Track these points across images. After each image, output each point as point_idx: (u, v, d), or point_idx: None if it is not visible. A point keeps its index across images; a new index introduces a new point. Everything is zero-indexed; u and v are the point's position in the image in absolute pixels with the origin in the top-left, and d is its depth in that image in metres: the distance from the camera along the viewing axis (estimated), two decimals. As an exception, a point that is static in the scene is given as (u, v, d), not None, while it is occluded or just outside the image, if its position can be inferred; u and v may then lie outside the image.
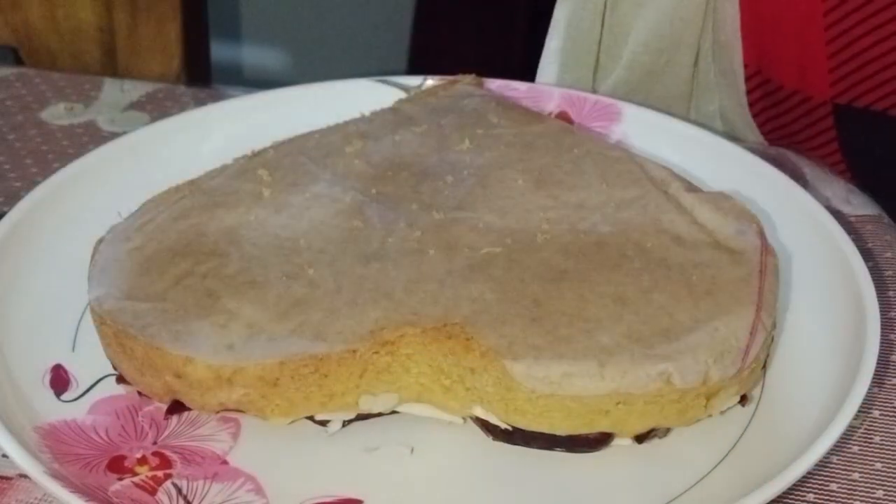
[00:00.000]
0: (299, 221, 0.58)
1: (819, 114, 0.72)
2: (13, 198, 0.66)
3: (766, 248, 0.56)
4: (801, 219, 0.63)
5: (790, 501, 0.52)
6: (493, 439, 0.53)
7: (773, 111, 0.75)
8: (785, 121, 0.75)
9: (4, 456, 0.51)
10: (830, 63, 0.69)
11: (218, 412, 0.53)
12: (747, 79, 0.75)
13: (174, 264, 0.55)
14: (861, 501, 0.52)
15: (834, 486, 0.53)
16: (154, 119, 0.77)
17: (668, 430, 0.53)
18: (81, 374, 0.56)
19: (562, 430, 0.51)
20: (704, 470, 0.52)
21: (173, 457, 0.52)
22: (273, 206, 0.59)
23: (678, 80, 0.79)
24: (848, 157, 0.72)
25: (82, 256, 0.57)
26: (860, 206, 0.70)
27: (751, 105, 0.76)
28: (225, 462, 0.52)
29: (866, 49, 0.68)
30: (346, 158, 0.62)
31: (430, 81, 0.72)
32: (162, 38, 0.92)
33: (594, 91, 0.80)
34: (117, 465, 0.51)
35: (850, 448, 0.54)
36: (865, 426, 0.56)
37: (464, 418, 0.54)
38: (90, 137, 0.76)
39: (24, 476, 0.52)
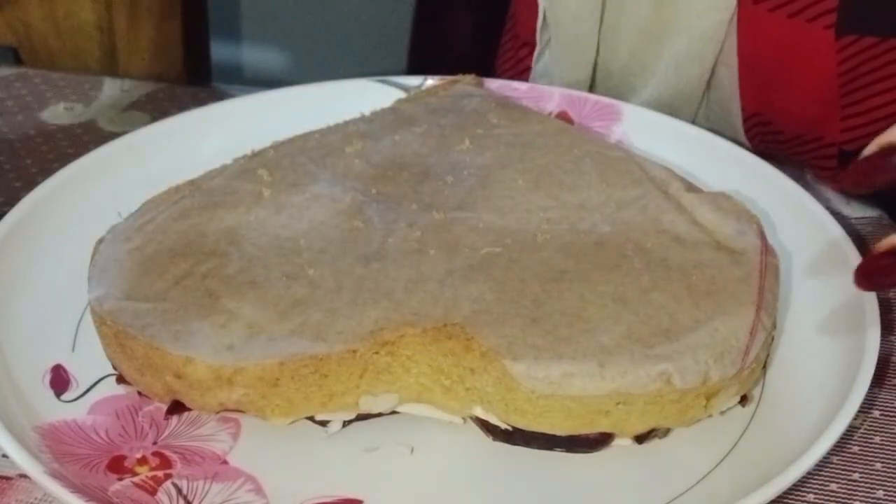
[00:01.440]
0: (299, 221, 0.58)
1: (825, 153, 0.72)
2: (13, 198, 0.66)
3: (766, 248, 0.56)
4: (801, 219, 0.63)
5: (790, 501, 0.52)
6: (493, 439, 0.53)
7: (773, 147, 0.75)
8: (787, 152, 0.75)
9: (4, 456, 0.51)
10: (843, 113, 0.70)
11: (218, 412, 0.53)
12: (745, 120, 0.75)
13: (174, 264, 0.55)
14: (861, 501, 0.52)
15: (834, 486, 0.53)
16: (154, 119, 0.77)
17: (668, 431, 0.53)
18: (81, 374, 0.56)
19: (562, 430, 0.51)
20: (704, 470, 0.52)
21: (173, 457, 0.52)
22: (273, 206, 0.59)
23: None
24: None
25: (82, 256, 0.57)
26: (860, 207, 0.70)
27: (749, 140, 0.76)
28: (225, 462, 0.52)
29: (879, 107, 0.69)
30: (346, 158, 0.62)
31: (430, 81, 0.72)
32: (162, 39, 0.92)
33: None
34: (117, 465, 0.51)
35: (850, 448, 0.54)
36: (865, 426, 0.56)
37: (464, 418, 0.54)
38: (90, 137, 0.76)
39: (24, 476, 0.52)
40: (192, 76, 0.94)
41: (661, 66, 0.75)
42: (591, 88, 0.79)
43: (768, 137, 0.75)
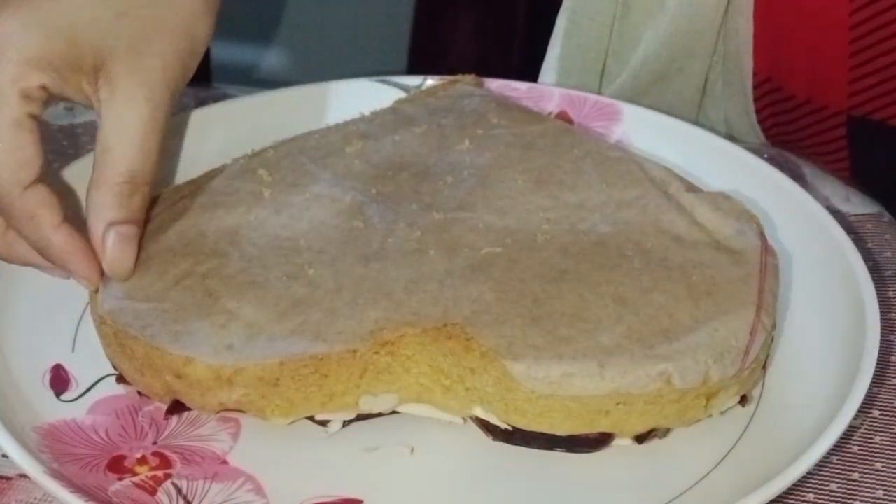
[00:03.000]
0: (299, 221, 0.58)
1: (831, 123, 0.72)
2: (13, 198, 0.66)
3: (766, 248, 0.56)
4: (801, 219, 0.63)
5: (790, 501, 0.52)
6: (493, 439, 0.53)
7: (781, 118, 0.75)
8: (793, 127, 0.75)
9: (4, 456, 0.51)
10: (851, 75, 0.69)
11: (218, 412, 0.53)
12: (756, 87, 0.74)
13: (174, 264, 0.55)
14: (861, 501, 0.52)
15: (834, 486, 0.53)
16: (154, 119, 0.76)
17: (668, 431, 0.53)
18: (81, 374, 0.56)
19: (562, 430, 0.51)
20: (704, 470, 0.52)
21: (173, 457, 0.52)
22: (273, 206, 0.59)
23: (688, 87, 0.78)
24: (855, 165, 0.72)
25: (82, 256, 0.57)
26: (860, 204, 0.70)
27: (758, 112, 0.76)
28: (225, 462, 0.52)
29: (890, 65, 0.68)
30: (346, 158, 0.62)
31: (430, 81, 0.72)
32: (162, 38, 0.92)
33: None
34: (117, 465, 0.51)
35: (850, 448, 0.54)
36: (865, 426, 0.56)
37: (464, 418, 0.54)
38: (90, 137, 0.76)
39: (24, 476, 0.52)
40: (192, 76, 0.94)
41: None
42: (613, 21, 0.78)
43: (777, 108, 0.74)
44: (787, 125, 0.75)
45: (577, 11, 0.78)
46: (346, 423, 0.54)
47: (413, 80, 0.73)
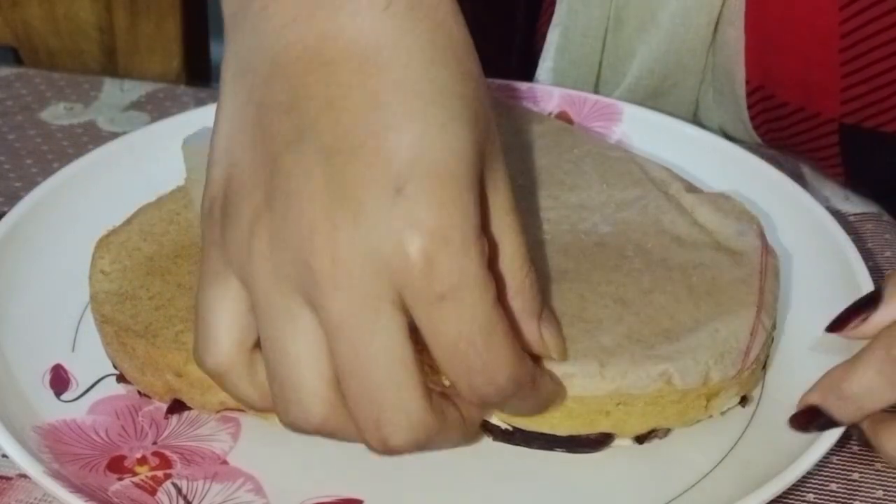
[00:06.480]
0: (299, 221, 0.57)
1: (824, 130, 0.72)
2: (13, 198, 0.66)
3: (766, 249, 0.56)
4: (801, 219, 0.63)
5: (790, 501, 0.52)
6: (493, 439, 0.53)
7: (775, 125, 0.75)
8: (787, 133, 0.75)
9: (4, 456, 0.51)
10: (843, 83, 0.69)
11: (218, 411, 0.53)
12: (748, 94, 0.74)
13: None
14: (861, 501, 0.52)
15: (834, 486, 0.53)
16: (154, 119, 0.76)
17: (668, 431, 0.53)
18: (81, 374, 0.56)
19: (562, 430, 0.51)
20: (704, 470, 0.52)
21: (173, 457, 0.52)
22: (273, 206, 0.58)
23: (682, 101, 0.78)
24: (850, 171, 0.72)
25: (82, 256, 0.57)
26: (860, 203, 0.70)
27: (752, 119, 0.76)
28: (225, 462, 0.52)
29: (882, 73, 0.68)
30: (346, 158, 0.62)
31: (431, 81, 0.72)
32: (162, 38, 0.92)
33: None
34: (117, 465, 0.51)
35: (850, 448, 0.54)
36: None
37: (464, 418, 0.54)
38: (90, 137, 0.75)
39: (24, 476, 0.52)
40: (192, 76, 0.94)
41: (668, 13, 0.74)
42: (605, 36, 0.78)
43: (771, 115, 0.74)
44: (782, 132, 0.75)
45: (569, 27, 0.78)
46: (346, 423, 0.54)
47: (413, 80, 0.73)
